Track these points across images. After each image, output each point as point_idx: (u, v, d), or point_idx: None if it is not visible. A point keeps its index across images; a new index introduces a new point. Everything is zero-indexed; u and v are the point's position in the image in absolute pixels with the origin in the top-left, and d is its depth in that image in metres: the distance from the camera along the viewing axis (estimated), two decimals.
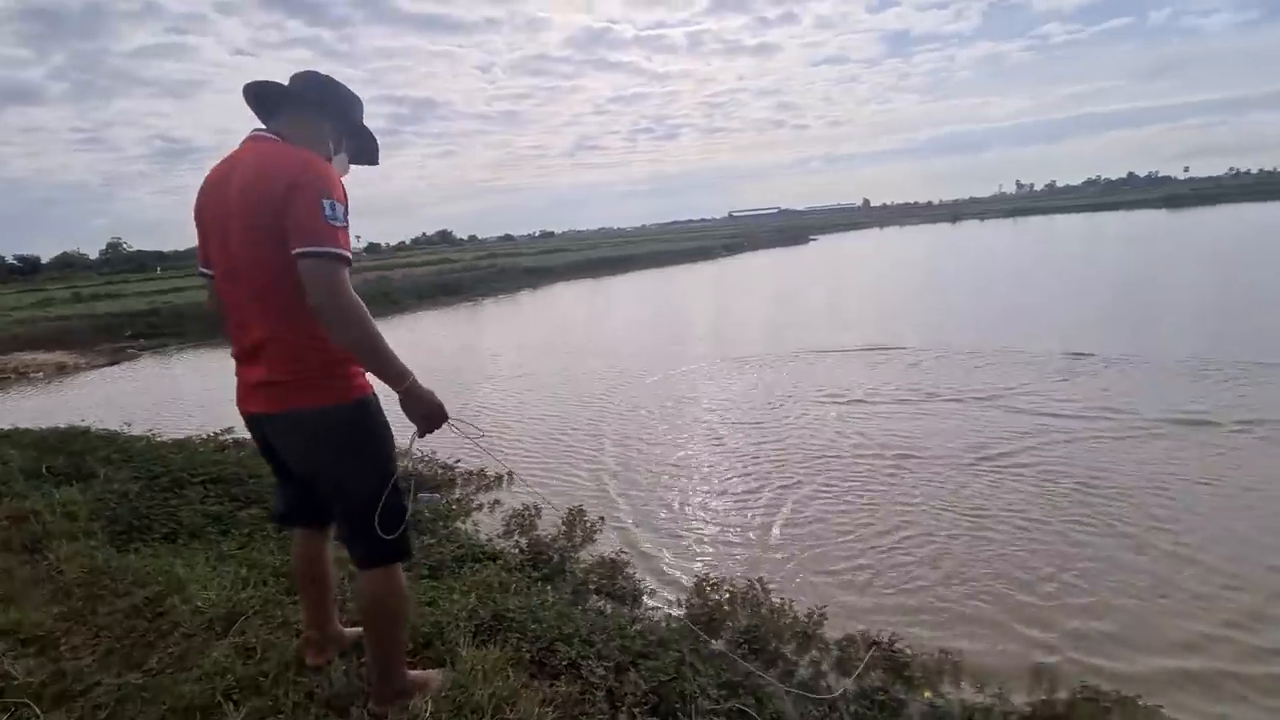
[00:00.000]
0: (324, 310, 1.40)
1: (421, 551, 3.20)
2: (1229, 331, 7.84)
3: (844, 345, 8.89)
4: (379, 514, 1.55)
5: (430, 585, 2.60)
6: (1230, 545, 3.27)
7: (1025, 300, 12.20)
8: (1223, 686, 2.38)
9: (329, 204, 1.41)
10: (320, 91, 1.63)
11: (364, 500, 1.55)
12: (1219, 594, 2.90)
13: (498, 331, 14.54)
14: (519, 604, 2.28)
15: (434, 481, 4.83)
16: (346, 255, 1.43)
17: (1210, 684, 2.39)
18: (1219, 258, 16.91)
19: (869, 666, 2.55)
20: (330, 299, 1.38)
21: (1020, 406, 5.67)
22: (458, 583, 2.65)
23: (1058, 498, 3.92)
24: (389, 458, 1.61)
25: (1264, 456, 4.25)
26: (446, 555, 3.18)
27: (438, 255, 39.08)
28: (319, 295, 1.39)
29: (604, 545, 3.77)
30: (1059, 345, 7.66)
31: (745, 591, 3.11)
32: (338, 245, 1.41)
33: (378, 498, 1.55)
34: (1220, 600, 2.86)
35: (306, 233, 1.39)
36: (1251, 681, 2.39)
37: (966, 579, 3.18)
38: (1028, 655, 2.60)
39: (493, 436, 6.11)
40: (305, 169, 1.44)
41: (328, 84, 1.65)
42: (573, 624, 2.20)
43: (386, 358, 1.45)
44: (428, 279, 22.92)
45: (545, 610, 2.28)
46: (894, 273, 21.32)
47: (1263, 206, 40.59)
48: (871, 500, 4.12)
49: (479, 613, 2.16)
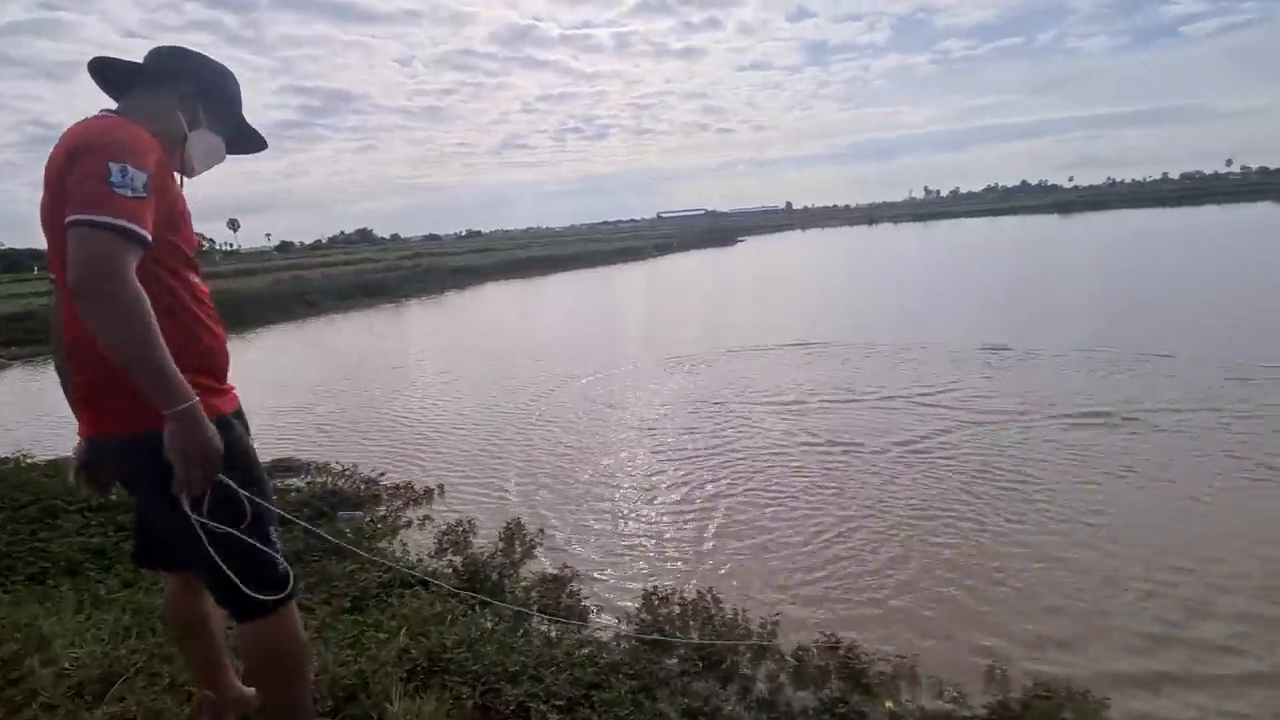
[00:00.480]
0: (85, 294, 1.10)
1: (344, 579, 2.89)
2: (1128, 325, 8.46)
3: (775, 343, 9.00)
4: (237, 570, 1.29)
5: (354, 621, 2.32)
6: (1161, 536, 3.43)
7: (943, 297, 12.81)
8: (1164, 680, 2.44)
9: (119, 169, 1.13)
10: (170, 62, 1.39)
11: (205, 554, 1.28)
12: (1157, 589, 3.00)
13: (423, 334, 13.91)
14: (457, 638, 2.05)
15: (356, 498, 4.46)
16: (133, 230, 1.13)
17: (1152, 679, 2.45)
18: (1109, 258, 18.46)
19: (827, 676, 2.48)
20: (95, 282, 1.09)
21: (948, 403, 5.85)
22: (385, 615, 2.38)
23: (993, 494, 4.02)
24: (242, 502, 1.32)
25: (1172, 446, 4.52)
26: (371, 582, 2.88)
27: (358, 255, 37.20)
28: (80, 272, 1.09)
29: (544, 561, 3.56)
30: (979, 339, 8.03)
31: (695, 603, 2.98)
32: (120, 216, 1.12)
33: (232, 551, 1.29)
34: (1159, 593, 2.96)
35: (80, 199, 1.12)
36: (1191, 675, 2.48)
37: (913, 581, 3.18)
38: (979, 655, 2.60)
39: (416, 445, 5.76)
40: (99, 133, 1.18)
41: (180, 53, 1.41)
42: (518, 657, 2.00)
43: (161, 369, 1.14)
44: (347, 279, 21.73)
45: (486, 644, 2.07)
46: (819, 272, 22.00)
47: (1136, 213, 45.52)
48: (812, 502, 4.10)
49: (411, 653, 1.92)
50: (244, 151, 1.60)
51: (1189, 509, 3.66)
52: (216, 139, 1.47)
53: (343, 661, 1.84)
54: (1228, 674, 2.45)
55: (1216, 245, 19.41)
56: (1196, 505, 3.68)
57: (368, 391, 7.96)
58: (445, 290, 22.46)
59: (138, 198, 1.15)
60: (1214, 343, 7.05)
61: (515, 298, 20.40)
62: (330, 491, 4.46)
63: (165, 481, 1.23)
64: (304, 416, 6.99)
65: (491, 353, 10.19)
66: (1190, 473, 4.08)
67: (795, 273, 22.70)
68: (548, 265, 30.39)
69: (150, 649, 1.96)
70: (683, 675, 2.43)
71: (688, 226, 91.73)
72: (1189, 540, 3.35)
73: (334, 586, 2.77)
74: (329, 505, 4.23)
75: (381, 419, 6.77)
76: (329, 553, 3.34)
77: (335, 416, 6.92)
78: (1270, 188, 63.61)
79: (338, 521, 3.99)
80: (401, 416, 6.79)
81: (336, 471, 5.01)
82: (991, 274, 17.06)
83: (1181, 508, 3.68)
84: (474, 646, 2.02)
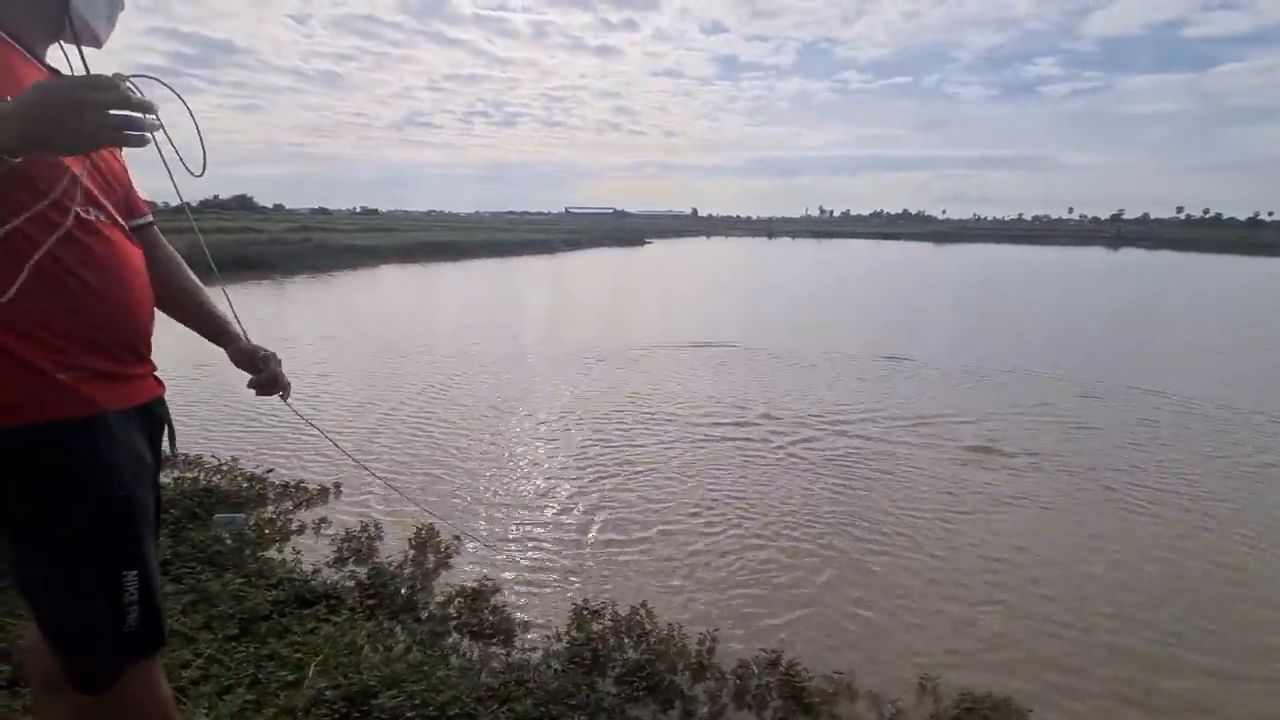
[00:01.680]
0: None
1: (228, 599, 2.47)
2: (998, 342, 9.28)
3: (685, 343, 9.05)
4: (61, 628, 1.02)
5: (247, 655, 1.95)
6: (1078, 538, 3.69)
7: (845, 309, 13.49)
8: (1083, 687, 2.58)
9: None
10: None
11: (31, 595, 1.02)
12: (1073, 593, 3.22)
13: (314, 315, 12.77)
14: (379, 675, 1.77)
15: (236, 497, 3.90)
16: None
17: (1074, 686, 2.59)
18: (979, 282, 20.34)
19: (768, 695, 2.41)
20: None
21: (860, 409, 6.09)
22: (283, 644, 2.03)
23: (913, 499, 4.18)
24: (74, 538, 1.01)
25: (1048, 479, 4.90)
26: (261, 601, 2.48)
27: (237, 223, 33.66)
28: None
29: (461, 573, 3.27)
30: (879, 350, 8.50)
31: (629, 618, 2.83)
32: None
33: (53, 599, 1.01)
34: (1078, 602, 3.16)
35: None
36: (1104, 680, 2.64)
37: (844, 593, 3.21)
38: (911, 668, 2.63)
39: (307, 439, 5.20)
40: None
41: None
42: (449, 693, 1.75)
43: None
44: (225, 248, 19.57)
45: (412, 679, 1.80)
46: (730, 277, 22.56)
47: (996, 247, 52.94)
48: (737, 509, 4.08)
49: (326, 696, 1.62)
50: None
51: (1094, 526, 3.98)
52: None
53: (239, 715, 1.51)
54: (1140, 676, 2.63)
55: (1068, 279, 21.96)
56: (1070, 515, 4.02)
57: (222, 376, 7.12)
58: (337, 269, 20.84)
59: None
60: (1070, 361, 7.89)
61: (418, 283, 19.29)
62: (204, 490, 3.87)
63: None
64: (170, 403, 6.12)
65: (391, 341, 9.48)
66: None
67: (713, 276, 23.15)
68: (453, 252, 29.02)
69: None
70: (622, 698, 2.28)
71: (596, 223, 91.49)
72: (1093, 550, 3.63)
73: (215, 607, 2.35)
74: (202, 506, 3.66)
75: (266, 408, 6.06)
76: (205, 563, 2.87)
77: (210, 403, 6.11)
78: (1100, 234, 73.85)
79: (213, 525, 3.47)
80: (288, 410, 6.11)
81: (211, 466, 4.39)
82: (889, 290, 18.25)
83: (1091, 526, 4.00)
84: (399, 683, 1.74)
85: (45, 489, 0.99)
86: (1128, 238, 68.03)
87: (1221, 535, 3.83)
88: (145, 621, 1.07)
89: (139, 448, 1.10)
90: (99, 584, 1.03)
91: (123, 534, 1.05)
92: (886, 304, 15.53)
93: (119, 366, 1.07)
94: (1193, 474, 4.72)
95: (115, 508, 1.05)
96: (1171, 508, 4.18)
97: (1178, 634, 2.91)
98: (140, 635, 1.06)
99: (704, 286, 19.83)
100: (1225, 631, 2.93)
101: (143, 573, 1.07)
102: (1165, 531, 3.87)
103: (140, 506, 1.08)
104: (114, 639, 1.04)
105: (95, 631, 1.02)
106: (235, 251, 18.56)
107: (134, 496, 1.07)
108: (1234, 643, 2.86)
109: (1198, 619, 3.02)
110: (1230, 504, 4.24)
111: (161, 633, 1.11)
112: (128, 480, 1.06)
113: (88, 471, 1.02)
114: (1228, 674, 2.67)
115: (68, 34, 1.03)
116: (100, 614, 1.03)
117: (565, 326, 11.72)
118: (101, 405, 1.04)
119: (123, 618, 1.04)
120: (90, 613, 1.03)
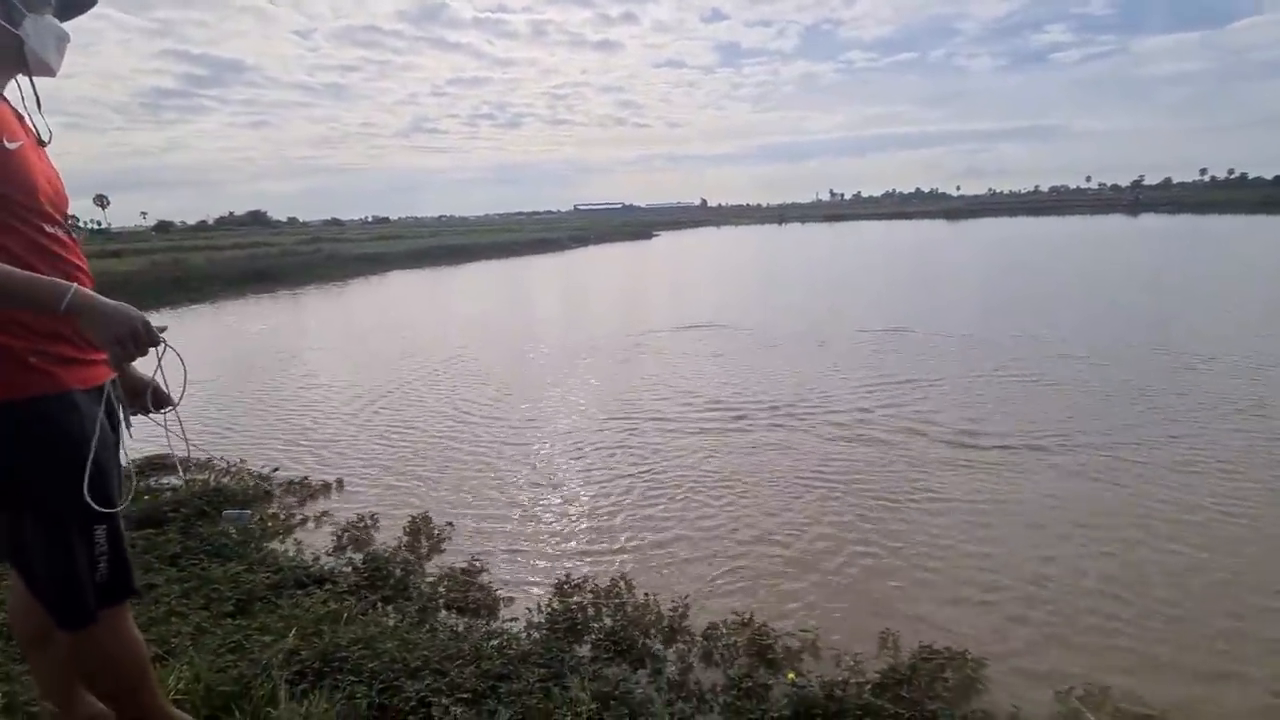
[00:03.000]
0: None
1: (227, 583, 2.66)
2: (1013, 314, 9.27)
3: (689, 325, 9.16)
4: (47, 578, 1.19)
5: (236, 626, 2.13)
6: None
7: (857, 287, 13.49)
8: (1040, 638, 2.68)
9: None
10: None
11: (17, 552, 1.19)
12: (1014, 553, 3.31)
13: (322, 323, 13.08)
14: (353, 636, 1.93)
15: (243, 496, 4.12)
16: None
17: (1024, 634, 2.69)
18: (991, 258, 20.15)
19: (735, 653, 2.54)
20: None
21: (858, 377, 6.17)
22: (273, 618, 2.21)
23: (890, 468, 4.27)
24: (52, 499, 1.19)
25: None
26: (258, 585, 2.67)
27: (250, 238, 34.41)
28: None
29: (452, 555, 3.44)
30: (884, 321, 8.55)
31: (609, 590, 2.98)
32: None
33: (39, 553, 1.18)
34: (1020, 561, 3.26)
35: None
36: (1050, 624, 2.73)
37: (824, 558, 3.32)
38: (873, 624, 2.75)
39: (314, 440, 5.41)
40: None
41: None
42: (420, 653, 1.91)
43: (27, 286, 1.07)
44: (238, 264, 20.07)
45: (385, 640, 1.96)
46: (738, 266, 22.58)
47: (1012, 220, 51.12)
48: (721, 483, 4.20)
49: (301, 654, 1.79)
50: (70, 18, 1.34)
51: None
52: (52, 21, 1.23)
53: (220, 668, 1.69)
54: (1093, 640, 2.72)
55: (1088, 248, 21.65)
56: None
57: (262, 383, 7.39)
58: (348, 278, 21.24)
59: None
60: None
61: (424, 286, 19.60)
62: (213, 490, 4.09)
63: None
64: (187, 410, 6.39)
65: (397, 343, 9.73)
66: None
67: (719, 266, 23.20)
68: (460, 254, 29.38)
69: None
70: (594, 661, 2.42)
71: (605, 219, 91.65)
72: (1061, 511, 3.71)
73: (214, 590, 2.54)
74: (210, 504, 3.88)
75: (275, 413, 6.31)
76: (211, 555, 3.07)
77: (224, 410, 6.37)
78: (1119, 202, 72.29)
79: (221, 521, 3.68)
80: (298, 410, 6.34)
81: (221, 469, 4.62)
82: (899, 268, 18.18)
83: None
84: (372, 644, 1.91)
85: (28, 456, 1.16)
86: (1147, 203, 66.52)
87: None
88: (114, 573, 1.24)
89: (102, 420, 1.27)
90: (77, 536, 1.20)
91: (93, 494, 1.22)
92: (896, 279, 15.53)
93: (80, 353, 1.24)
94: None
95: (86, 471, 1.22)
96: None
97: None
98: (110, 585, 1.23)
99: (698, 272, 19.88)
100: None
101: (110, 528, 1.24)
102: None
103: (105, 470, 1.25)
104: (90, 585, 1.21)
105: (76, 577, 1.19)
106: (247, 266, 19.01)
107: (100, 460, 1.24)
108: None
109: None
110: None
111: (130, 583, 1.28)
112: (95, 447, 1.24)
113: (62, 440, 1.19)
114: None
115: (26, 69, 1.20)
116: (80, 563, 1.21)
117: (565, 321, 11.88)
118: (70, 384, 1.21)
119: (94, 568, 1.21)
120: (72, 562, 1.20)
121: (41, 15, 1.20)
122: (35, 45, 1.19)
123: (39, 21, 1.19)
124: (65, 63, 1.28)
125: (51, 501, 1.18)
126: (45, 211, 1.22)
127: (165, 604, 2.30)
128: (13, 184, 1.16)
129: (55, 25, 1.24)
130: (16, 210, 1.17)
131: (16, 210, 1.17)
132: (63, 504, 1.18)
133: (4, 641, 1.87)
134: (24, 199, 1.18)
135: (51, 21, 1.23)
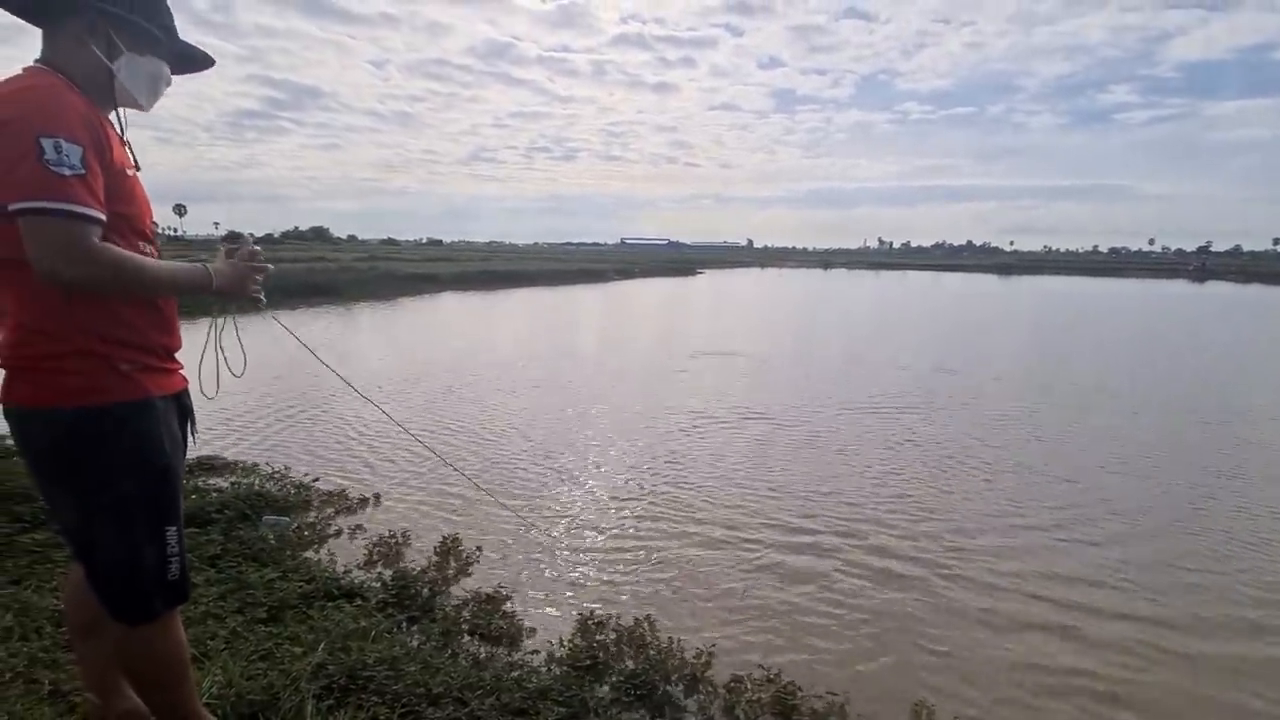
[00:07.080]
0: (60, 279, 1.10)
1: (261, 588, 2.72)
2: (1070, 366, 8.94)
3: (730, 352, 9.10)
4: (114, 574, 1.25)
5: (268, 633, 2.18)
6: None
7: (911, 335, 13.26)
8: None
9: (51, 144, 1.08)
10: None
11: (88, 547, 1.24)
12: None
13: (375, 338, 13.51)
14: (379, 655, 1.95)
15: (284, 503, 4.23)
16: (83, 212, 1.10)
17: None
18: (1049, 315, 19.57)
19: (758, 710, 2.46)
20: (66, 266, 1.10)
21: (907, 421, 6.02)
22: (303, 627, 2.24)
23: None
24: (131, 499, 1.25)
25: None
26: (291, 593, 2.72)
27: (311, 252, 36.08)
28: (47, 263, 1.08)
29: (479, 579, 3.44)
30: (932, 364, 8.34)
31: (632, 630, 2.93)
32: (67, 199, 1.08)
33: (110, 550, 1.24)
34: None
35: (19, 184, 1.07)
36: None
37: (851, 616, 3.21)
38: (908, 691, 2.62)
39: (357, 452, 5.54)
40: (20, 100, 1.10)
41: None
42: (442, 678, 1.91)
43: (172, 278, 1.26)
44: (297, 276, 20.98)
45: (409, 663, 1.97)
46: (776, 308, 22.50)
47: (1068, 279, 50.28)
48: (767, 524, 4.12)
49: (329, 668, 1.81)
50: (186, 71, 1.47)
51: None
52: (155, 63, 1.33)
53: (251, 675, 1.72)
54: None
55: (1147, 313, 20.81)
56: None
57: (310, 394, 7.63)
58: (400, 296, 21.96)
59: (77, 175, 1.10)
60: None
61: (473, 308, 20.11)
62: (256, 494, 4.22)
63: (65, 466, 1.15)
64: (234, 414, 6.65)
65: (445, 362, 9.96)
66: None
67: (753, 306, 23.17)
68: (508, 280, 30.15)
69: (33, 653, 1.79)
70: (613, 704, 2.37)
71: (651, 254, 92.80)
72: None
73: (250, 594, 2.60)
74: (252, 509, 4.00)
75: (321, 423, 6.50)
76: (249, 559, 3.16)
77: (272, 418, 6.60)
78: (1184, 266, 69.47)
79: (261, 526, 3.78)
80: (344, 423, 6.52)
81: (266, 474, 4.76)
82: (948, 320, 17.81)
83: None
84: (396, 665, 1.92)
85: (109, 458, 1.24)
86: (1214, 270, 63.80)
87: None
88: (183, 574, 1.30)
89: (175, 427, 1.35)
90: (149, 537, 1.26)
91: (166, 496, 1.29)
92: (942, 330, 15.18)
93: (162, 362, 1.33)
94: None
95: (163, 474, 1.30)
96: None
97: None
98: (178, 585, 1.30)
99: (732, 306, 19.84)
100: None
101: (179, 530, 1.31)
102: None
103: (177, 475, 1.32)
104: (158, 585, 1.27)
105: (140, 575, 1.26)
106: (305, 279, 19.86)
107: (173, 466, 1.31)
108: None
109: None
110: None
111: (188, 587, 1.34)
112: (170, 452, 1.32)
113: (142, 444, 1.27)
114: None
115: (110, 103, 1.31)
116: (149, 562, 1.27)
117: (610, 347, 11.98)
118: (151, 392, 1.29)
119: (165, 567, 1.27)
120: (141, 560, 1.27)
121: (141, 55, 1.30)
122: (126, 81, 1.30)
123: (134, 60, 1.29)
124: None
125: (130, 501, 1.24)
126: (146, 231, 1.33)
127: (203, 605, 2.37)
128: (134, 206, 1.30)
129: (154, 66, 1.34)
130: (134, 227, 1.30)
131: (134, 227, 1.30)
132: (140, 504, 1.25)
133: (54, 629, 1.94)
134: (137, 221, 1.31)
135: (151, 62, 1.33)
